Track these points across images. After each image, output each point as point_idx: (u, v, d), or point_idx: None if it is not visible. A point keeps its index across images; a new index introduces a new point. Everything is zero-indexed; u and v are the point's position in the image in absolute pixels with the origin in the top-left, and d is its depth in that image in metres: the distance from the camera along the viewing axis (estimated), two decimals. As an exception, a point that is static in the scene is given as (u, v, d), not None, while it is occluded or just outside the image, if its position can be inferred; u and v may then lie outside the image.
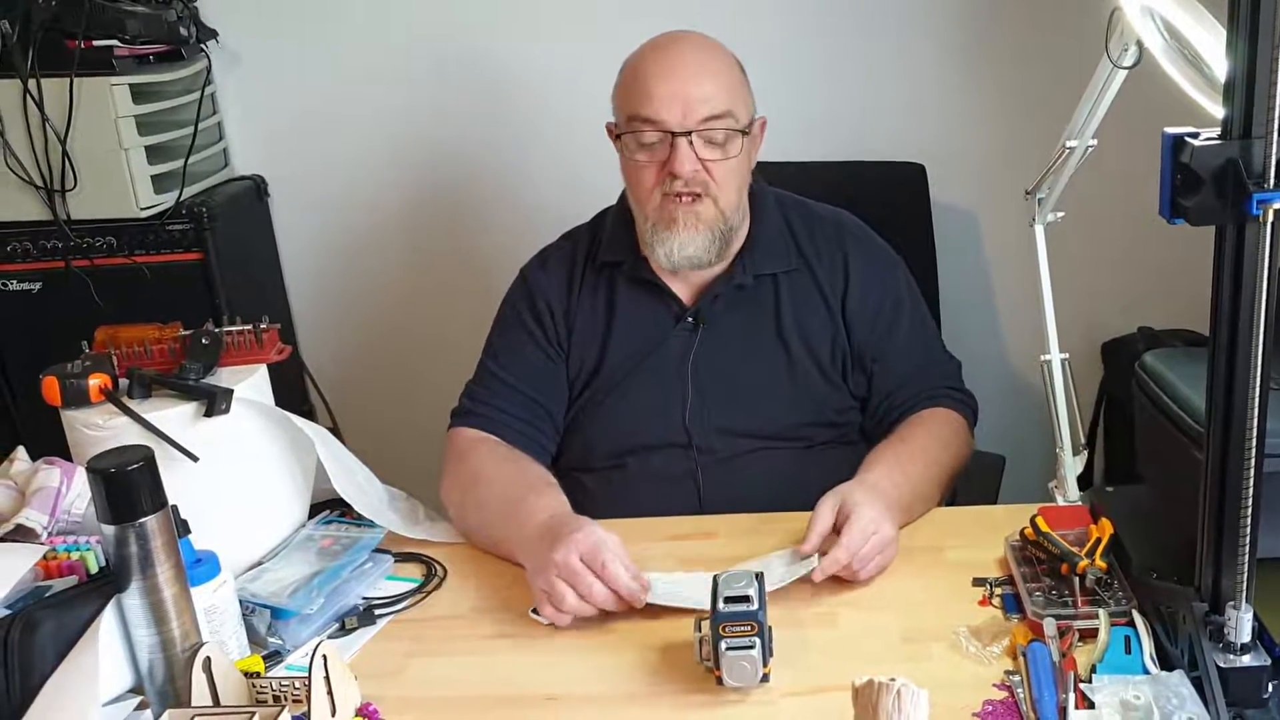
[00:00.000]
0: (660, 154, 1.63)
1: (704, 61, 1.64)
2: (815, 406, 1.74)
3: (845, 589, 1.42)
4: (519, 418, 1.73)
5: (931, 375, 1.77)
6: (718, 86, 1.62)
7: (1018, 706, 1.17)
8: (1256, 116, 0.99)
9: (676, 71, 1.61)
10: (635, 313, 1.76)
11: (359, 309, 2.74)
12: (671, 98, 1.59)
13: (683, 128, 1.60)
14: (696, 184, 1.62)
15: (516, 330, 1.78)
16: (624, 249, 1.76)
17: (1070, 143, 1.56)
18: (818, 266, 1.76)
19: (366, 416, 2.69)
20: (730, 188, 1.65)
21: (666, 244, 1.66)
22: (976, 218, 2.53)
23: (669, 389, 1.73)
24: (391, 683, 1.32)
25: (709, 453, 1.71)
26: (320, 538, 1.56)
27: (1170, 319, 2.39)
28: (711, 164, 1.62)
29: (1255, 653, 1.11)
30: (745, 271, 1.72)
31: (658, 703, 1.26)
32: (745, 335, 1.74)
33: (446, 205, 2.64)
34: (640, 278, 1.75)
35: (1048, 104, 1.83)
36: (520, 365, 1.76)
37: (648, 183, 1.65)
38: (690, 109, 1.60)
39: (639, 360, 1.74)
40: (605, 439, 1.75)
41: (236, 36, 2.54)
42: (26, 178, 2.27)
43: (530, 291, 1.79)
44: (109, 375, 1.44)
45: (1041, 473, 1.79)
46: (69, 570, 1.27)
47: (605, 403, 1.75)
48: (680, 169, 1.60)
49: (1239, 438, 1.07)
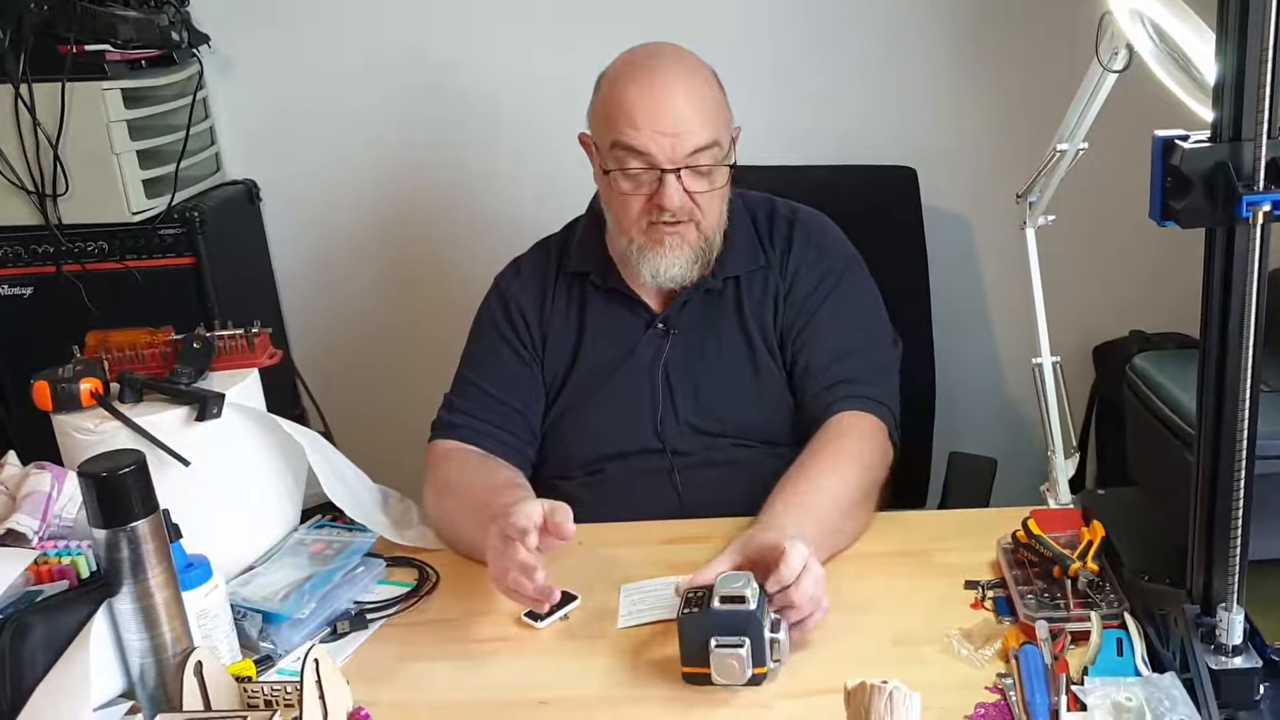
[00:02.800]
0: (646, 186, 1.63)
1: (688, 90, 1.61)
2: (782, 405, 1.73)
3: (833, 593, 1.38)
4: (498, 425, 1.73)
5: (846, 367, 1.70)
6: (704, 117, 1.61)
7: (1010, 709, 1.17)
8: (1246, 119, 0.99)
9: (662, 105, 1.59)
10: (606, 321, 1.77)
11: (351, 313, 2.74)
12: (659, 134, 1.59)
13: (671, 163, 1.59)
14: (683, 214, 1.63)
15: (492, 339, 1.79)
16: (593, 260, 1.77)
17: (1061, 146, 1.57)
18: (772, 261, 1.76)
19: (358, 420, 2.69)
20: (714, 211, 1.67)
21: (652, 264, 1.67)
22: (968, 221, 2.53)
23: (641, 395, 1.73)
24: (384, 687, 1.32)
25: (683, 455, 1.72)
26: (312, 542, 1.55)
27: (1161, 322, 2.39)
28: (698, 195, 1.63)
29: (1247, 655, 1.12)
30: (715, 277, 1.73)
31: (650, 707, 1.25)
32: (713, 337, 1.74)
33: (438, 210, 2.63)
34: (610, 288, 1.76)
35: (1039, 107, 1.83)
36: (497, 373, 1.76)
37: (633, 212, 1.65)
38: (678, 143, 1.59)
39: (611, 368, 1.75)
40: (582, 447, 1.75)
41: (228, 41, 2.54)
42: (18, 182, 2.26)
43: (505, 300, 1.80)
44: (100, 380, 1.44)
45: (1033, 475, 1.79)
46: (60, 575, 1.26)
47: (580, 410, 1.75)
48: (669, 203, 1.61)
49: (1230, 440, 1.08)
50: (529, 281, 1.81)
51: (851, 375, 1.69)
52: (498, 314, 1.80)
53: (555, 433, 1.77)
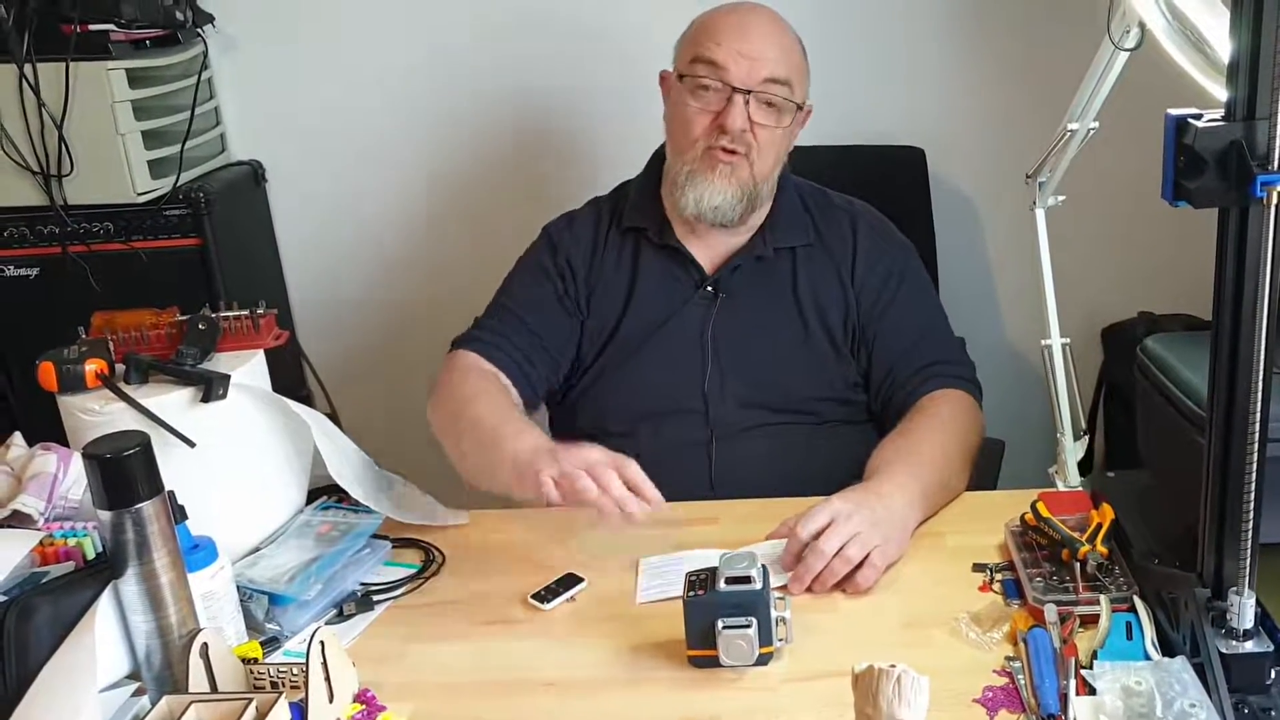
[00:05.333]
0: (714, 104, 1.67)
1: (776, 32, 1.70)
2: (828, 381, 1.76)
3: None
4: (520, 349, 1.75)
5: (932, 349, 1.76)
6: (784, 55, 1.68)
7: (1018, 693, 1.17)
8: (1260, 98, 0.98)
9: (748, 30, 1.66)
10: (657, 279, 1.78)
11: (357, 294, 2.73)
12: (739, 53, 1.64)
13: (744, 84, 1.64)
14: (742, 143, 1.67)
15: (536, 273, 1.81)
16: (649, 216, 1.79)
17: (1071, 125, 1.55)
18: (832, 243, 1.78)
19: (364, 402, 2.69)
20: (770, 155, 1.70)
21: (698, 189, 1.69)
22: (976, 202, 2.52)
23: (688, 356, 1.74)
24: (389, 668, 1.32)
25: (723, 423, 1.73)
26: (318, 523, 1.55)
27: (1171, 303, 2.38)
28: (760, 128, 1.66)
29: (1258, 639, 1.11)
30: (765, 244, 1.75)
31: (657, 688, 1.25)
32: (763, 307, 1.76)
33: (445, 190, 2.63)
34: (664, 244, 1.77)
35: (1049, 87, 1.82)
36: (532, 303, 1.78)
37: (695, 130, 1.68)
38: (755, 68, 1.64)
39: (656, 326, 1.76)
40: (620, 404, 1.76)
41: (233, 20, 2.52)
42: (23, 163, 2.25)
43: (554, 245, 1.82)
44: (106, 360, 1.43)
45: (1042, 458, 1.79)
46: (65, 556, 1.26)
47: (622, 368, 1.77)
48: (731, 124, 1.65)
49: (1241, 422, 1.07)
50: (581, 231, 1.83)
51: (936, 358, 1.75)
52: (545, 256, 1.82)
53: (595, 387, 1.79)
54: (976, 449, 1.68)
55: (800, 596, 1.37)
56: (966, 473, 1.63)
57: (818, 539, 1.38)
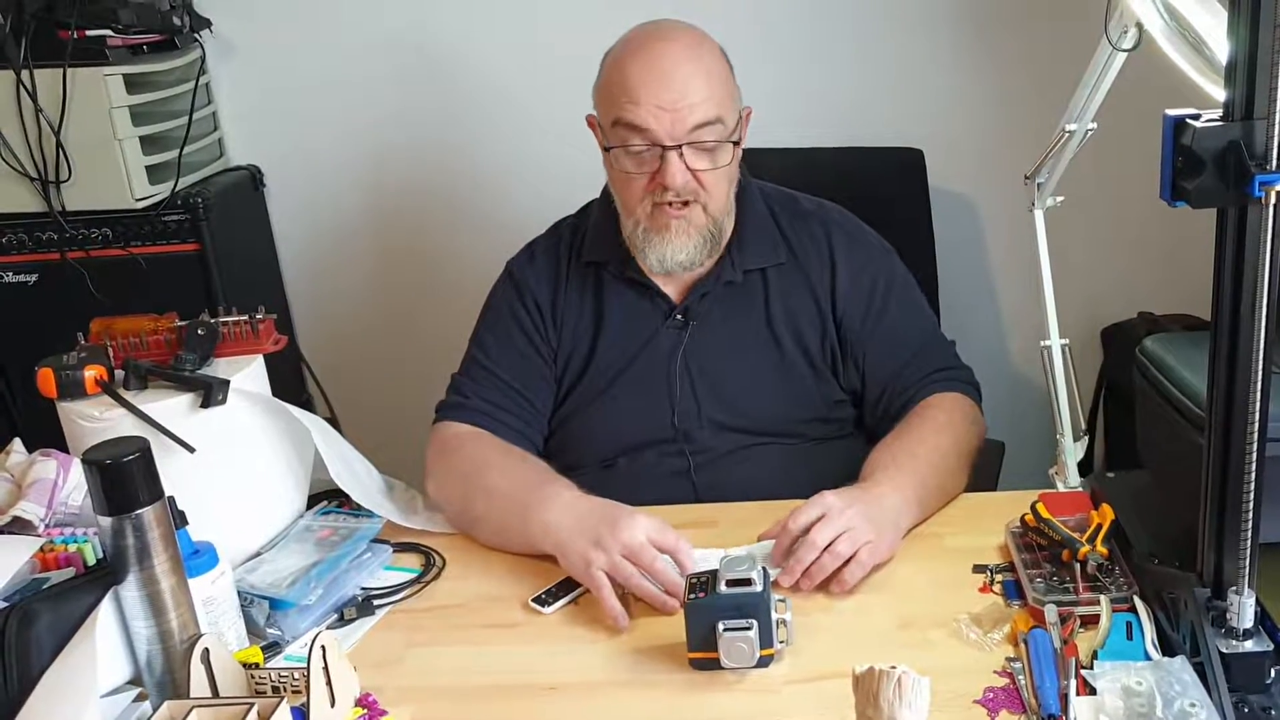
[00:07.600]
0: (649, 164, 1.59)
1: (691, 67, 1.58)
2: (807, 401, 1.73)
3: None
4: (510, 411, 1.71)
5: (928, 359, 1.73)
6: (707, 92, 1.57)
7: (1019, 693, 1.17)
8: (1258, 98, 0.98)
9: (664, 79, 1.56)
10: (624, 312, 1.74)
11: (356, 299, 2.74)
12: (659, 108, 1.55)
13: (673, 139, 1.56)
14: (687, 193, 1.60)
15: (506, 323, 1.76)
16: (609, 249, 1.73)
17: (1069, 126, 1.55)
18: (805, 260, 1.74)
19: (364, 406, 2.69)
20: (720, 192, 1.64)
21: (659, 250, 1.64)
22: (975, 203, 2.52)
23: (658, 387, 1.71)
24: (391, 673, 1.32)
25: (702, 450, 1.70)
26: (318, 528, 1.55)
27: (1171, 304, 2.39)
28: (701, 173, 1.60)
29: (1258, 638, 1.11)
30: (734, 268, 1.71)
31: (659, 692, 1.25)
32: (735, 332, 1.72)
33: (444, 194, 2.63)
34: (627, 277, 1.73)
35: (1047, 87, 1.82)
36: (509, 359, 1.74)
37: (637, 192, 1.62)
38: (678, 119, 1.55)
39: (629, 359, 1.72)
40: (596, 439, 1.73)
41: (230, 26, 2.53)
42: (20, 169, 2.25)
43: (518, 286, 1.77)
44: (105, 367, 1.43)
45: (1042, 459, 1.78)
46: (66, 562, 1.26)
47: (595, 403, 1.73)
48: (671, 182, 1.58)
49: (1241, 422, 1.07)
50: (543, 268, 1.78)
51: (934, 367, 1.72)
52: (511, 299, 1.77)
53: (569, 425, 1.76)
54: (976, 451, 1.67)
55: (800, 599, 1.37)
56: (964, 475, 1.62)
57: (808, 532, 1.38)
